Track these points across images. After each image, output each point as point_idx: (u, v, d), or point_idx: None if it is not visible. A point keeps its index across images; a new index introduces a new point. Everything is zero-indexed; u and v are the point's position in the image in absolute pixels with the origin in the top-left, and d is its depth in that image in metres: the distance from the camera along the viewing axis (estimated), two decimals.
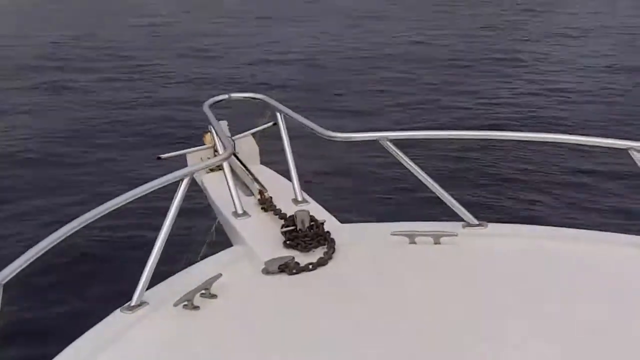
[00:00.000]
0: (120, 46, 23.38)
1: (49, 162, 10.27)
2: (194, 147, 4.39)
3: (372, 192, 8.26)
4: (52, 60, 20.18)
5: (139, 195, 2.72)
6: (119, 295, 2.75)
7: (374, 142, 3.33)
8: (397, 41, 22.07)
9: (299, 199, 3.58)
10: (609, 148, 3.25)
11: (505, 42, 21.53)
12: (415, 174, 3.29)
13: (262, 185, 3.75)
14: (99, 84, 16.60)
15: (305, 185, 3.70)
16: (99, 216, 2.57)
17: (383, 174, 8.31)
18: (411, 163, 3.28)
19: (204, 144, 4.38)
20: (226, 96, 4.25)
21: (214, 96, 4.23)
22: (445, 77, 15.89)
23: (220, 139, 3.69)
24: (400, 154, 3.28)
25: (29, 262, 2.32)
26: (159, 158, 4.10)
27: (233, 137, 4.04)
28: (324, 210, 3.47)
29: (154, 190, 2.78)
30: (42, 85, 16.38)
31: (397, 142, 3.30)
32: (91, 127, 12.39)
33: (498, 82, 15.11)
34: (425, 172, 3.29)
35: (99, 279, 6.48)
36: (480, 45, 20.90)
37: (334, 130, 3.45)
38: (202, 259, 3.22)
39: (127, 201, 2.67)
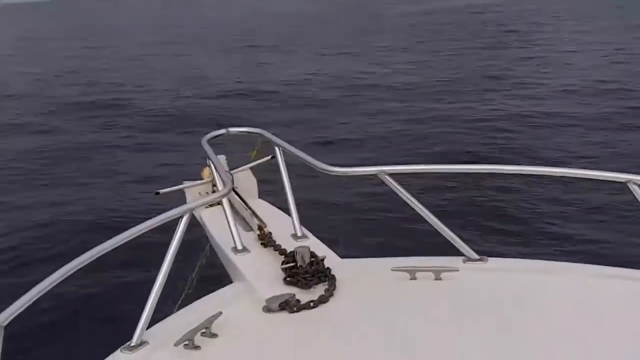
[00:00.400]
0: (110, 80, 23.69)
1: (43, 202, 10.29)
2: (192, 181, 4.40)
3: (372, 227, 8.24)
4: (33, 98, 20.40)
5: (139, 234, 2.70)
6: (119, 334, 2.72)
7: (373, 176, 3.33)
8: (382, 71, 22.57)
9: (299, 234, 3.56)
10: (607, 181, 3.24)
11: (492, 66, 22.06)
12: (415, 208, 3.27)
13: (261, 221, 3.74)
14: (91, 120, 16.74)
15: (305, 220, 3.68)
16: (98, 255, 2.55)
17: (382, 208, 8.29)
18: (410, 197, 3.27)
19: (202, 179, 4.39)
20: (224, 131, 4.25)
21: (211, 131, 4.24)
22: (431, 104, 16.25)
23: (219, 174, 3.68)
24: (400, 187, 3.27)
25: (29, 304, 2.29)
26: (158, 193, 4.10)
27: (231, 172, 4.04)
28: (324, 245, 3.45)
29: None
30: (28, 124, 16.51)
31: (396, 176, 3.30)
32: (86, 164, 12.44)
33: (487, 108, 15.42)
34: (425, 206, 3.28)
35: (98, 319, 6.43)
36: (468, 70, 21.34)
37: (332, 164, 3.45)
38: (187, 295, 3.18)
39: (127, 239, 2.65)
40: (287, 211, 3.68)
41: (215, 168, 3.82)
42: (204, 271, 4.08)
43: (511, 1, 68.30)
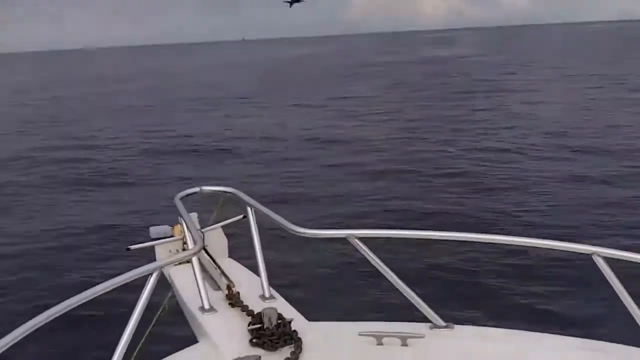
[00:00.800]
0: (78, 132, 23.64)
1: (6, 256, 10.12)
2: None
3: (341, 289, 8.21)
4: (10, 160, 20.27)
5: (106, 290, 2.67)
6: None
7: (343, 239, 3.35)
8: (353, 124, 23.25)
9: (267, 295, 3.56)
10: (573, 252, 3.29)
11: (459, 120, 22.92)
12: (383, 272, 3.30)
13: (230, 280, 3.72)
14: (58, 174, 16.66)
15: (274, 280, 3.68)
16: (64, 311, 2.52)
17: (351, 270, 8.29)
18: (379, 261, 3.30)
19: (173, 236, 4.37)
20: (197, 189, 4.26)
21: (185, 189, 4.25)
22: (398, 157, 16.75)
23: (190, 232, 3.68)
24: (368, 251, 3.30)
25: None
26: (128, 249, 4.08)
27: (202, 230, 4.04)
28: (292, 307, 3.45)
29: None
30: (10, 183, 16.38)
31: (365, 240, 3.33)
32: (53, 218, 12.31)
33: (453, 163, 15.82)
34: (393, 271, 3.30)
35: None
36: (434, 124, 22.03)
37: (303, 226, 3.47)
38: (152, 354, 3.13)
39: (94, 296, 2.62)
40: (256, 271, 3.68)
41: (186, 226, 3.81)
42: (169, 330, 4.02)
43: (482, 52, 70.90)
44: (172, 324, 4.06)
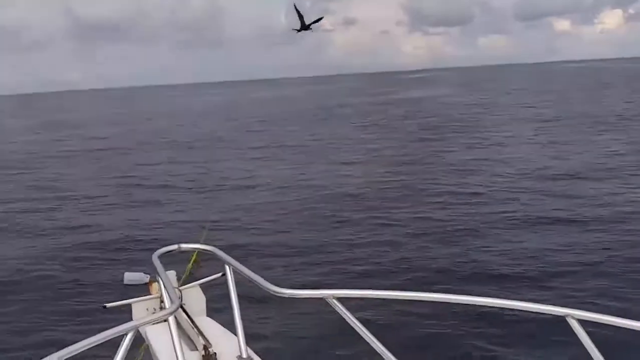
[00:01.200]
0: (50, 182, 23.56)
1: None
2: (140, 296, 4.33)
3: (318, 350, 8.14)
4: None
5: (80, 351, 2.63)
6: None
7: (322, 299, 3.33)
8: (328, 169, 23.28)
9: (244, 355, 3.52)
10: (547, 315, 3.30)
11: (437, 164, 23.20)
12: (361, 333, 3.27)
13: (207, 340, 3.68)
14: (39, 226, 16.47)
15: (252, 340, 3.65)
16: None
17: (329, 331, 8.21)
18: (357, 322, 3.28)
19: (150, 293, 4.33)
20: (176, 246, 4.23)
21: (163, 246, 4.23)
22: (371, 212, 16.54)
23: (167, 291, 3.64)
24: (347, 312, 3.28)
25: None
26: (105, 307, 4.04)
27: (180, 287, 4.01)
28: None
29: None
30: None
31: (344, 300, 3.31)
32: (32, 275, 12.15)
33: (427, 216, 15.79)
34: (371, 332, 3.28)
35: None
36: (411, 172, 22.16)
37: (281, 286, 3.46)
38: None
39: (68, 356, 2.58)
40: (233, 330, 3.65)
41: (163, 285, 3.78)
42: None
43: (460, 92, 72.51)
44: None
